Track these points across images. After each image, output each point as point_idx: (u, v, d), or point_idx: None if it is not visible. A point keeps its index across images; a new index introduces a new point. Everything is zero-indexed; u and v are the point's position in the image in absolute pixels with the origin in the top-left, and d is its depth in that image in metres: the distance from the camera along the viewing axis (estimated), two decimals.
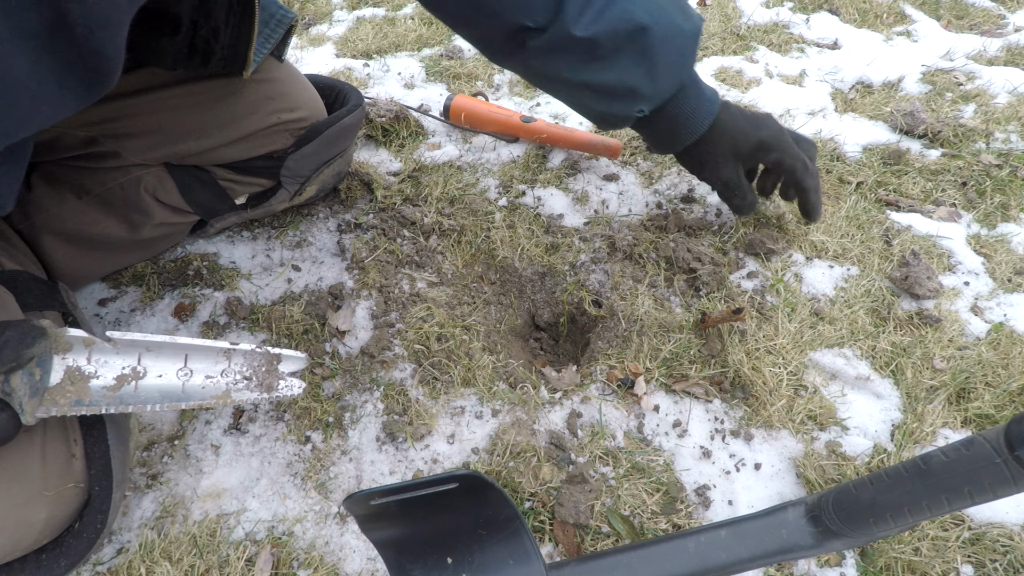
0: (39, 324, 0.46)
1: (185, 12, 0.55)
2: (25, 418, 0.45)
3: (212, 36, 0.57)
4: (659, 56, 0.68)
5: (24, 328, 0.45)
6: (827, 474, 0.64)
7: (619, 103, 0.72)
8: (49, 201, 0.73)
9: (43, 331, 0.46)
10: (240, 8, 0.56)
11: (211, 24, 0.56)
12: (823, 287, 0.82)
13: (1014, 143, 1.06)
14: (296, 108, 0.78)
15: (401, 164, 1.02)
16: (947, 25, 1.49)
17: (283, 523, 0.61)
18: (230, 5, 0.56)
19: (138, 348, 0.50)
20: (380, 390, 0.72)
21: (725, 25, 1.46)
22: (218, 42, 0.58)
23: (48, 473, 0.50)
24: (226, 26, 0.57)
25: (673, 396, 0.71)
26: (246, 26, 0.57)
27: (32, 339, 0.45)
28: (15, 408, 0.45)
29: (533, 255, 0.88)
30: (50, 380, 0.47)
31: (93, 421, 0.54)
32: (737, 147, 0.78)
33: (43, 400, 0.46)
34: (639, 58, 0.67)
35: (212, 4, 0.55)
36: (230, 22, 0.57)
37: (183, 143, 0.74)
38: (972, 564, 0.58)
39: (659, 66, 0.68)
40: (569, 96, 0.77)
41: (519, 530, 0.46)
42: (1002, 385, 0.71)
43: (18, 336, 0.44)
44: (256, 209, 0.86)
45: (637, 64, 0.68)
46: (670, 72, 0.70)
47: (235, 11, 0.56)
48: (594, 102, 0.74)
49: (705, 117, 0.75)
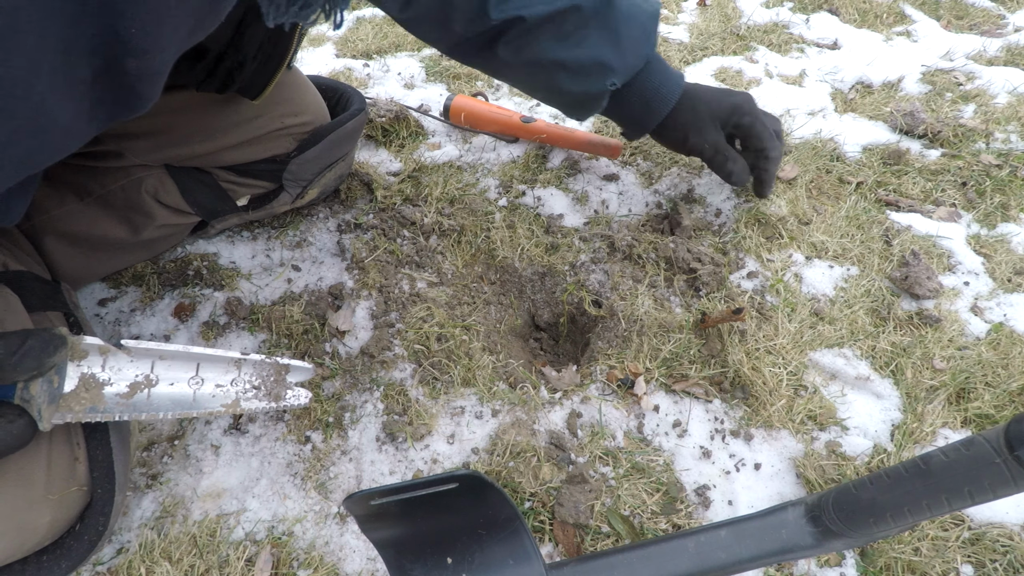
0: (60, 332, 0.47)
1: (214, 45, 0.55)
2: (43, 425, 0.46)
3: (237, 68, 0.57)
4: (623, 31, 0.74)
5: (46, 337, 0.45)
6: (827, 474, 0.64)
7: (593, 79, 0.76)
8: (50, 202, 0.73)
9: (64, 340, 0.47)
10: (272, 46, 0.55)
11: (238, 58, 0.56)
12: (823, 287, 0.82)
13: (1014, 143, 1.06)
14: (300, 112, 0.78)
15: (401, 164, 1.02)
16: (947, 25, 1.49)
17: (283, 523, 0.61)
18: (263, 41, 0.55)
19: (151, 356, 0.51)
20: (380, 390, 0.72)
21: (725, 25, 1.46)
22: (242, 74, 0.58)
23: (52, 477, 0.50)
24: (254, 60, 0.57)
25: (673, 396, 0.71)
26: (275, 61, 0.57)
27: (54, 348, 0.46)
28: (33, 415, 0.45)
29: (533, 255, 0.88)
30: (65, 387, 0.47)
31: (96, 424, 0.54)
32: (713, 110, 0.81)
33: (59, 407, 0.47)
34: (606, 33, 0.74)
35: (244, 39, 0.55)
36: (259, 57, 0.56)
37: (187, 145, 0.74)
38: (972, 564, 0.58)
39: (624, 40, 0.75)
40: (546, 80, 0.79)
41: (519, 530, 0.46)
42: (1002, 385, 0.71)
43: (40, 345, 0.45)
44: (257, 211, 0.86)
45: (604, 40, 0.74)
46: (635, 47, 0.76)
47: (266, 48, 0.56)
48: (570, 81, 0.77)
49: (675, 87, 0.80)
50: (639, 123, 0.83)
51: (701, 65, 1.31)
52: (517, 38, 0.73)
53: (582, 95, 0.79)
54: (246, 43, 0.55)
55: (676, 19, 1.51)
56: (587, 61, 0.75)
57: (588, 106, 0.81)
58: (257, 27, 0.54)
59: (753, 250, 0.87)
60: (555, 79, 0.78)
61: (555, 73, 0.77)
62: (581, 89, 0.78)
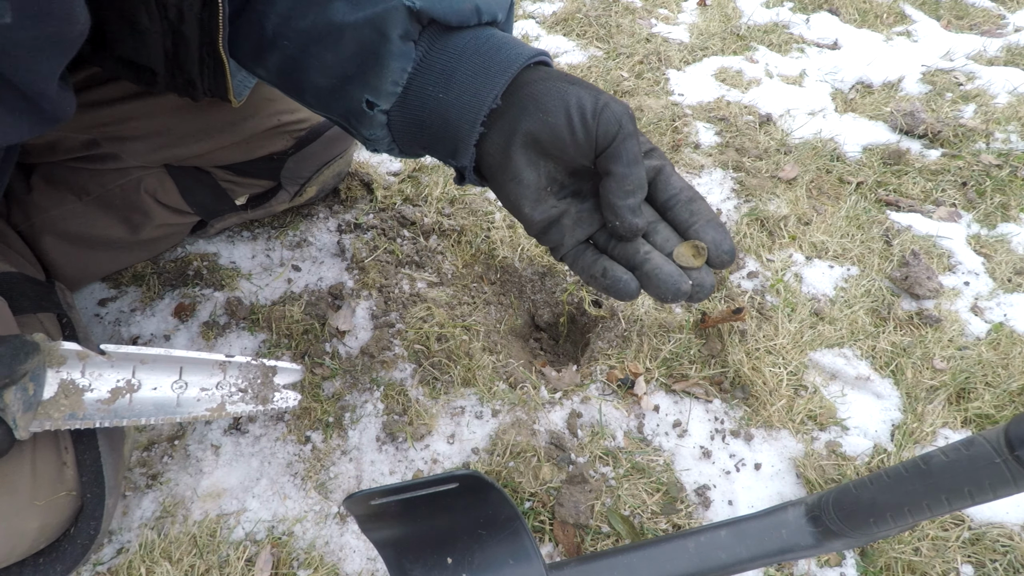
0: (32, 339, 0.46)
1: (158, 65, 0.54)
2: (19, 433, 0.45)
3: (190, 85, 0.56)
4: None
5: (17, 343, 0.45)
6: (827, 474, 0.64)
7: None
8: (49, 202, 0.73)
9: (36, 346, 0.46)
10: (212, 63, 0.54)
11: (186, 77, 0.55)
12: (823, 287, 0.82)
13: (1014, 143, 1.06)
14: (296, 109, 0.78)
15: (401, 164, 1.02)
16: (947, 25, 1.49)
17: (283, 523, 0.61)
18: (202, 60, 0.54)
19: (133, 361, 0.50)
20: (380, 390, 0.72)
21: (725, 25, 1.46)
22: (197, 89, 0.57)
23: (39, 483, 0.50)
24: (201, 77, 0.56)
25: (673, 396, 0.71)
26: (220, 77, 0.56)
27: (25, 355, 0.45)
28: (8, 424, 0.44)
29: (533, 255, 0.88)
30: (44, 394, 0.47)
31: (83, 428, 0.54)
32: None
33: (37, 414, 0.46)
34: None
35: (183, 60, 0.53)
36: (204, 74, 0.55)
37: (183, 146, 0.74)
38: (972, 564, 0.58)
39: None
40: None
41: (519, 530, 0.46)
42: (1002, 385, 0.71)
43: (11, 352, 0.44)
44: (256, 209, 0.86)
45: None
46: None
47: (208, 65, 0.54)
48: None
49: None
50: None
51: (701, 65, 1.31)
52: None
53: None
54: (183, 61, 0.54)
55: (676, 19, 1.51)
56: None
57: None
58: (189, 48, 0.53)
59: (753, 250, 0.87)
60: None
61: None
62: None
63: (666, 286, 0.42)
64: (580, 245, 0.46)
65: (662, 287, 0.42)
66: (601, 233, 0.46)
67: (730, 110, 1.16)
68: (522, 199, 0.45)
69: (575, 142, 0.42)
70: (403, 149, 0.50)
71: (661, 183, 0.45)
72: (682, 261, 0.43)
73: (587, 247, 0.46)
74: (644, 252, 0.44)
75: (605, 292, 0.45)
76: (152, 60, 0.53)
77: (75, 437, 0.54)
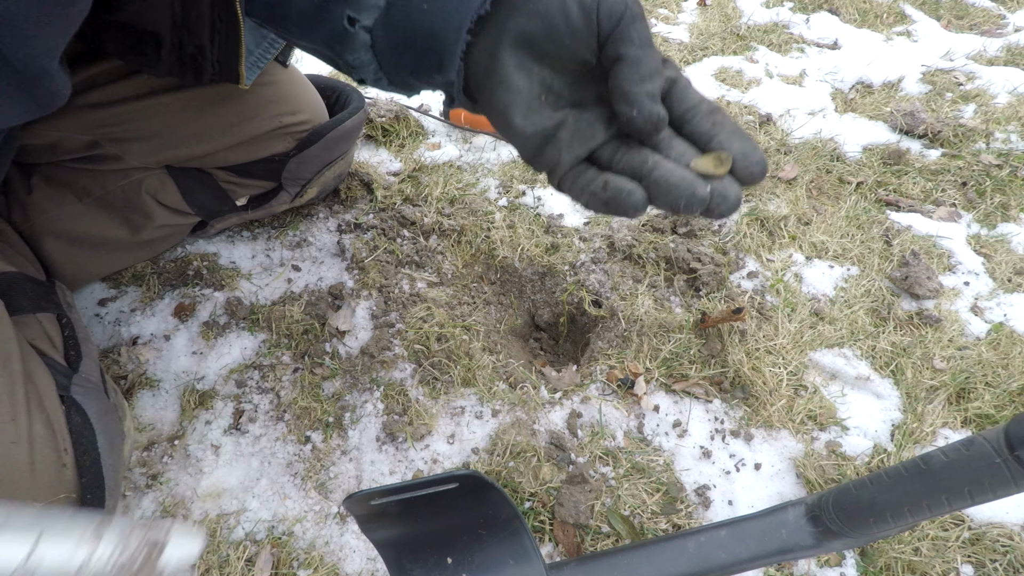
0: None
1: (164, 30, 0.52)
2: None
3: (199, 53, 0.54)
4: None
5: None
6: (827, 474, 0.64)
7: None
8: (50, 203, 0.73)
9: None
10: (225, 27, 0.52)
11: (196, 43, 0.53)
12: (823, 287, 0.82)
13: (1014, 143, 1.06)
14: (298, 111, 0.77)
15: (401, 164, 1.02)
16: (947, 25, 1.49)
17: (283, 523, 0.61)
18: (213, 24, 0.52)
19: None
20: (380, 390, 0.72)
21: (725, 25, 1.46)
22: (206, 59, 0.55)
23: (37, 484, 0.50)
24: (212, 44, 0.54)
25: (673, 396, 0.71)
26: (232, 43, 0.54)
27: None
28: None
29: (533, 255, 0.88)
30: None
31: (83, 428, 0.54)
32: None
33: None
34: None
35: (193, 23, 0.52)
36: (216, 40, 0.53)
37: (184, 147, 0.74)
38: (972, 564, 0.58)
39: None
40: None
41: (519, 530, 0.46)
42: (1002, 385, 0.71)
43: None
44: (257, 210, 0.86)
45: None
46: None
47: (219, 30, 0.53)
48: None
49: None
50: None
51: (701, 65, 1.31)
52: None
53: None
54: (193, 24, 0.52)
55: (676, 19, 1.51)
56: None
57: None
58: (200, 6, 0.51)
59: (753, 250, 0.87)
60: None
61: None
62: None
63: (678, 191, 0.35)
64: (580, 164, 0.39)
65: (673, 191, 0.35)
66: (605, 148, 0.39)
67: (730, 110, 1.16)
68: (512, 108, 0.38)
69: (572, 29, 0.35)
70: (391, 78, 0.46)
71: (677, 94, 0.38)
72: (701, 170, 0.36)
73: (588, 166, 0.39)
74: (653, 160, 0.37)
75: (607, 209, 0.38)
76: (158, 23, 0.51)
77: (74, 437, 0.54)
